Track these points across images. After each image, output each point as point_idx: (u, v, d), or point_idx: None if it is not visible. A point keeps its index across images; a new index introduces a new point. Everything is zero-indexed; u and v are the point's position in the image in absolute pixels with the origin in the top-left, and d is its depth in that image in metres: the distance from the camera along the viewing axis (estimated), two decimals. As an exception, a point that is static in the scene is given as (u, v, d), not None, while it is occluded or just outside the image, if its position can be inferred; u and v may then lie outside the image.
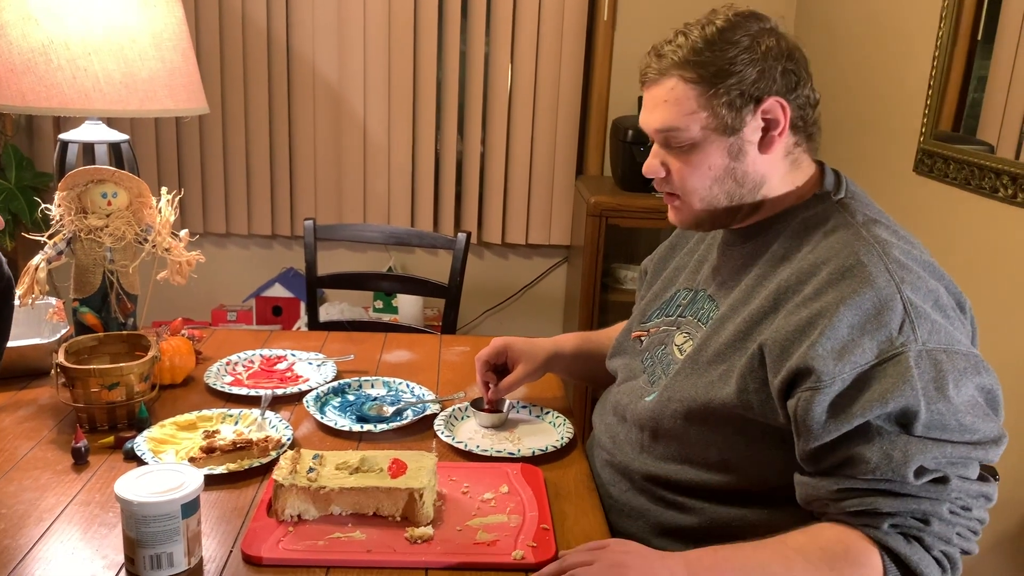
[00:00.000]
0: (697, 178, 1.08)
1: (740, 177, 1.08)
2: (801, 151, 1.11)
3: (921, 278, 0.99)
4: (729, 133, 1.05)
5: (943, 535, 0.93)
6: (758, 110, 1.05)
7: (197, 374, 1.55)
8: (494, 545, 1.05)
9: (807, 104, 1.08)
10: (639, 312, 1.35)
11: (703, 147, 1.07)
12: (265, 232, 2.97)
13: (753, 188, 1.09)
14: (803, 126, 1.09)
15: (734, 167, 1.07)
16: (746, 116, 1.05)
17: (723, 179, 1.08)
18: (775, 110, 1.05)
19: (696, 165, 1.08)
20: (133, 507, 0.95)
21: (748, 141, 1.06)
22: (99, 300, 1.53)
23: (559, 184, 2.95)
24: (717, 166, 1.07)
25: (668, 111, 1.07)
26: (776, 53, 1.05)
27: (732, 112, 1.04)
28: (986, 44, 1.77)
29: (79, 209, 1.51)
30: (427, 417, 1.41)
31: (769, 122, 1.06)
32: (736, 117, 1.04)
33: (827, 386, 0.93)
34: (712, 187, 1.09)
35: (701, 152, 1.07)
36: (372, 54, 2.82)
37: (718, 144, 1.06)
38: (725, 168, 1.07)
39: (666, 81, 1.07)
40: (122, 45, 1.79)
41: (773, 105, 1.05)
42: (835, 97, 2.46)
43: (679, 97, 1.06)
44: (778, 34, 1.06)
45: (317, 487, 1.08)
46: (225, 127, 2.86)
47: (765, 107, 1.05)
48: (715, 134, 1.06)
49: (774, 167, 1.09)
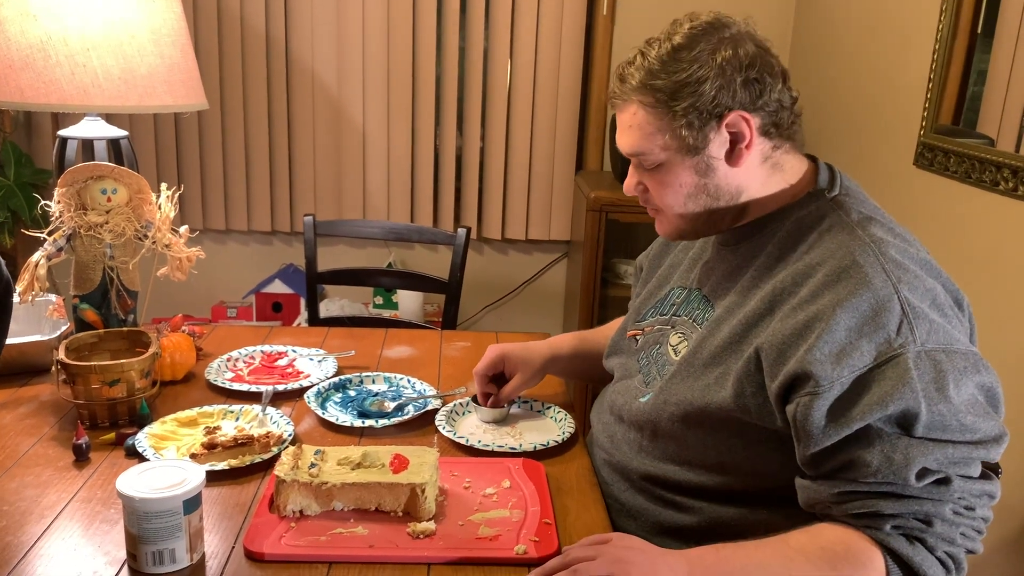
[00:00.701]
0: (671, 196, 1.10)
1: (713, 191, 1.08)
2: (782, 153, 1.09)
3: (918, 277, 0.98)
4: (693, 153, 1.06)
5: (946, 536, 0.93)
6: (721, 126, 1.04)
7: (198, 370, 1.55)
8: (496, 540, 1.05)
9: (780, 108, 1.06)
10: (634, 310, 1.34)
11: (670, 167, 1.07)
12: (265, 228, 2.96)
13: (730, 199, 1.09)
14: (779, 130, 1.07)
15: (705, 183, 1.08)
16: (709, 133, 1.04)
17: (696, 195, 1.09)
18: (739, 124, 1.04)
19: (667, 184, 1.09)
20: (135, 503, 0.95)
21: (714, 157, 1.06)
22: (99, 296, 1.53)
23: (559, 179, 2.95)
24: (688, 183, 1.08)
25: (633, 136, 1.08)
26: (736, 64, 1.02)
27: (692, 132, 1.04)
28: (986, 38, 1.77)
29: (79, 205, 1.51)
30: (428, 412, 1.41)
31: (735, 135, 1.05)
32: (698, 136, 1.04)
33: (826, 391, 0.93)
34: (687, 203, 1.10)
35: (670, 172, 1.08)
36: (371, 49, 2.81)
37: (684, 163, 1.07)
38: (696, 185, 1.08)
39: (628, 106, 1.08)
40: (121, 41, 1.78)
41: (736, 119, 1.04)
42: (836, 91, 2.46)
43: (640, 122, 1.07)
44: (738, 42, 1.04)
45: (319, 483, 1.08)
46: (224, 123, 2.86)
47: (728, 122, 1.04)
48: (679, 155, 1.06)
49: (750, 175, 1.08)
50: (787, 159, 1.10)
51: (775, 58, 1.07)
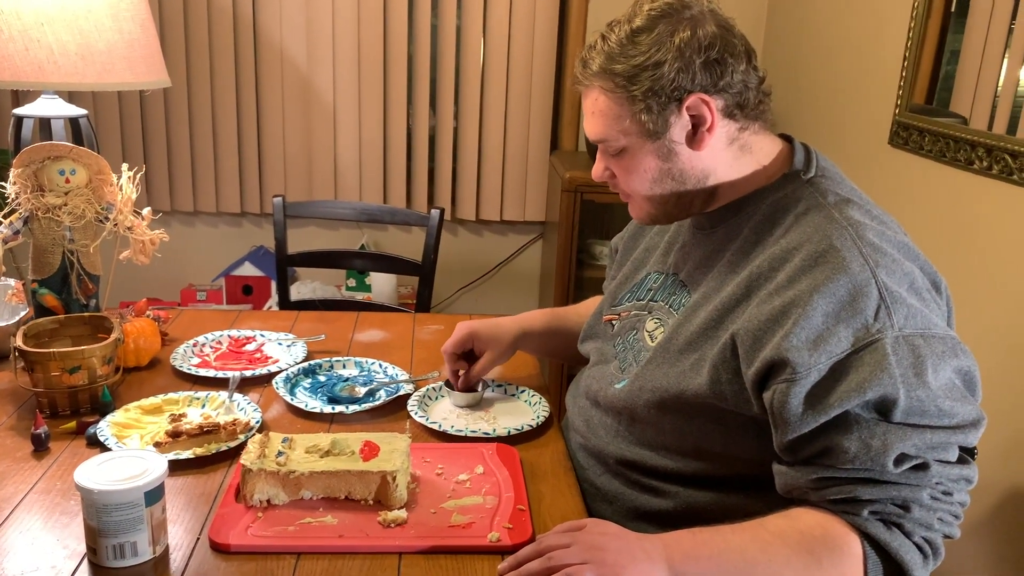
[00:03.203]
0: (636, 181, 1.09)
1: (678, 175, 1.07)
2: (750, 134, 1.07)
3: (896, 261, 0.97)
4: (654, 137, 1.04)
5: (924, 521, 0.92)
6: (682, 109, 1.02)
7: (163, 356, 1.52)
8: (469, 527, 1.03)
9: (744, 88, 1.03)
10: (609, 295, 1.32)
11: (633, 153, 1.06)
12: (234, 210, 2.91)
13: (697, 182, 1.08)
14: (743, 111, 1.05)
15: (668, 167, 1.06)
16: (669, 117, 1.02)
17: (661, 179, 1.07)
18: (699, 107, 1.02)
19: (632, 169, 1.08)
20: (94, 495, 0.92)
21: (676, 142, 1.04)
22: (59, 281, 1.48)
23: (533, 159, 2.92)
24: (652, 168, 1.07)
25: (596, 122, 1.07)
26: (695, 46, 1.00)
27: (652, 116, 1.02)
28: (959, 18, 1.76)
29: (36, 187, 1.46)
30: (400, 397, 1.39)
31: (696, 119, 1.03)
32: (658, 120, 1.03)
33: (803, 377, 0.91)
34: (652, 187, 1.09)
35: (633, 157, 1.07)
36: (341, 26, 2.76)
37: (646, 148, 1.05)
38: (660, 169, 1.07)
39: (591, 92, 1.07)
40: (77, 15, 1.72)
41: (696, 102, 1.02)
42: (811, 71, 2.45)
43: (602, 108, 1.06)
44: (699, 22, 1.01)
45: (286, 471, 1.05)
46: (191, 102, 2.79)
47: (688, 105, 1.02)
48: (640, 139, 1.05)
49: (716, 158, 1.06)
50: (756, 140, 1.08)
51: (739, 38, 1.04)
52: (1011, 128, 1.55)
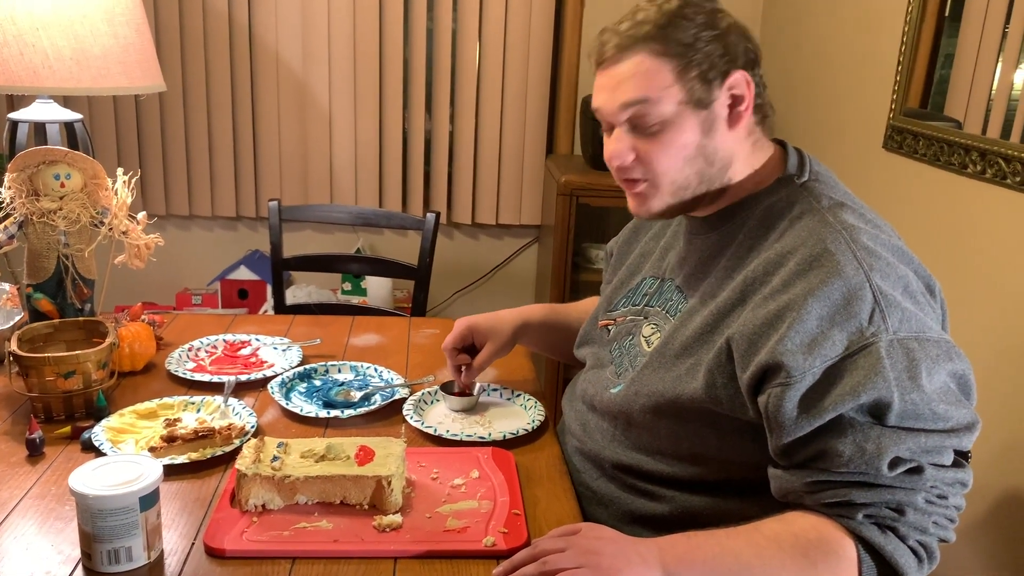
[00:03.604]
0: (669, 158, 1.04)
1: (710, 155, 1.05)
2: (760, 133, 1.09)
3: (890, 264, 0.97)
4: (701, 107, 1.03)
5: (919, 525, 0.92)
6: (725, 84, 1.03)
7: (158, 360, 1.51)
8: (464, 532, 1.03)
9: (762, 84, 1.07)
10: (605, 299, 1.32)
11: (677, 123, 1.03)
12: (229, 214, 2.90)
13: (722, 168, 1.06)
14: (760, 106, 1.07)
15: (705, 144, 1.04)
16: (715, 90, 1.02)
17: (695, 158, 1.04)
18: (741, 84, 1.03)
19: (668, 144, 1.03)
20: (88, 501, 0.92)
21: (718, 116, 1.04)
22: (54, 285, 1.48)
23: (529, 163, 2.92)
24: (690, 144, 1.03)
25: (638, 84, 1.02)
26: (737, 30, 1.04)
27: (704, 85, 1.02)
28: (953, 22, 1.77)
29: (30, 191, 1.45)
30: (396, 402, 1.39)
31: (735, 98, 1.04)
32: (707, 90, 1.02)
33: (797, 381, 0.91)
34: (684, 168, 1.05)
35: (675, 129, 1.03)
36: (336, 30, 2.75)
37: (692, 120, 1.03)
38: (697, 146, 1.04)
39: (632, 56, 1.03)
40: (72, 20, 1.72)
41: (739, 79, 1.03)
42: (805, 75, 2.45)
43: (648, 71, 1.02)
44: (731, 16, 1.06)
45: (281, 476, 1.05)
46: (186, 106, 2.79)
47: (732, 81, 1.03)
48: (689, 109, 1.02)
49: (740, 146, 1.07)
50: (763, 140, 1.10)
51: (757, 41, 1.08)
52: (1005, 132, 1.56)
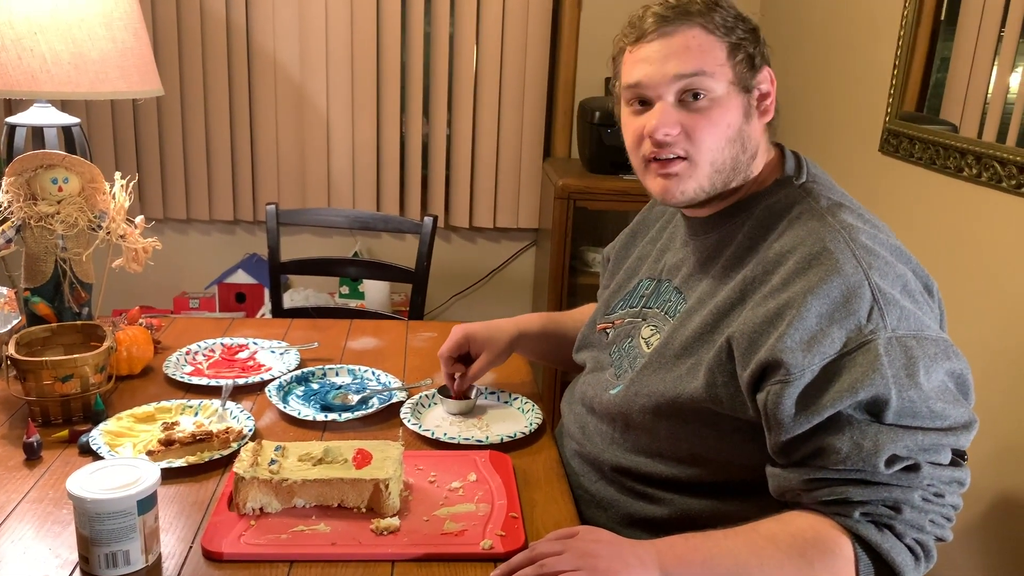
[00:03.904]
0: (714, 136, 1.04)
1: (746, 140, 1.07)
2: (770, 133, 1.11)
3: (889, 263, 0.97)
4: (745, 91, 1.06)
5: (915, 523, 0.92)
6: (756, 77, 1.06)
7: (156, 364, 1.51)
8: (462, 535, 1.03)
9: None
10: (603, 303, 1.33)
11: (723, 102, 1.04)
12: (227, 217, 2.91)
13: (751, 157, 1.08)
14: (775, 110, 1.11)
15: (744, 128, 1.06)
16: (751, 79, 1.06)
17: (735, 140, 1.05)
18: (767, 81, 1.07)
19: (716, 121, 1.03)
20: (86, 504, 0.92)
21: (753, 105, 1.07)
22: (51, 289, 1.48)
23: (526, 167, 2.92)
24: (734, 124, 1.05)
25: (694, 57, 1.02)
26: (761, 35, 1.08)
27: (749, 70, 1.05)
28: (949, 25, 1.77)
29: (28, 195, 1.45)
30: (393, 405, 1.39)
31: (764, 93, 1.07)
32: (751, 76, 1.06)
33: (796, 379, 0.92)
34: (725, 148, 1.05)
35: (722, 107, 1.04)
36: (334, 35, 2.76)
37: (737, 100, 1.05)
38: (739, 128, 1.05)
39: (687, 29, 1.03)
40: (70, 24, 1.72)
41: (767, 75, 1.08)
42: (802, 78, 2.46)
43: (703, 45, 1.03)
44: None
45: (279, 479, 1.05)
46: (184, 110, 2.79)
47: (761, 76, 1.07)
48: (735, 89, 1.05)
49: (762, 141, 1.10)
50: (767, 142, 1.12)
51: None
52: (1001, 136, 1.57)
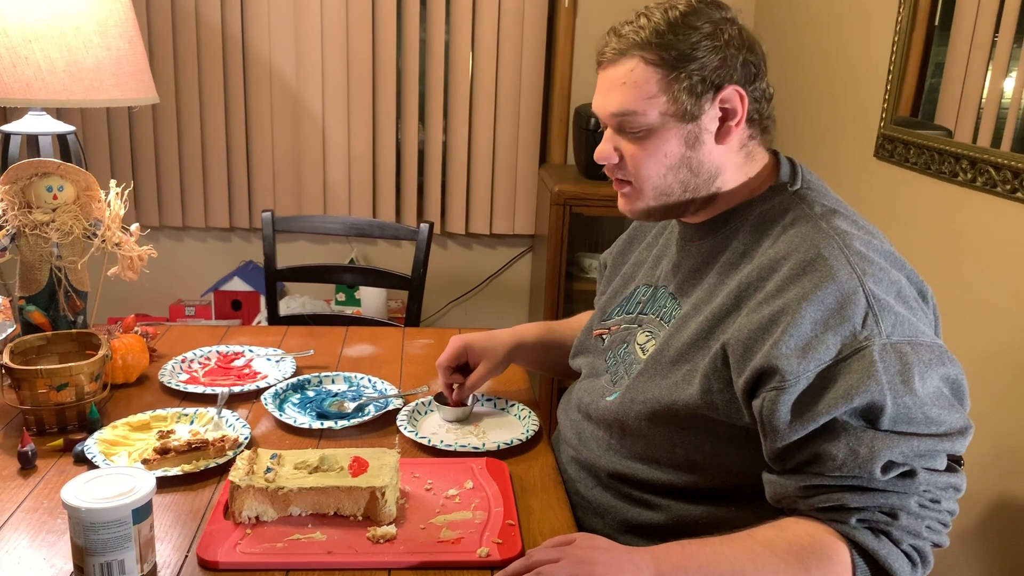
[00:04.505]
0: (652, 165, 1.05)
1: (695, 167, 1.06)
2: (756, 144, 1.09)
3: (883, 269, 0.97)
4: (687, 120, 1.03)
5: (912, 529, 0.92)
6: (717, 98, 1.03)
7: (151, 372, 1.51)
8: (459, 543, 1.03)
9: (763, 98, 1.06)
10: (599, 309, 1.33)
11: (660, 133, 1.04)
12: (223, 225, 2.90)
13: (708, 179, 1.07)
14: (758, 119, 1.07)
15: (690, 156, 1.05)
16: (705, 104, 1.03)
17: (678, 168, 1.05)
18: (733, 99, 1.03)
19: (651, 152, 1.05)
20: (81, 514, 0.91)
21: (705, 130, 1.04)
22: (46, 298, 1.48)
23: (522, 173, 2.93)
24: (673, 154, 1.05)
25: (626, 93, 1.04)
26: (738, 43, 1.03)
27: (692, 98, 1.02)
28: (943, 30, 1.78)
29: (23, 204, 1.45)
30: (390, 412, 1.38)
31: (727, 112, 1.04)
32: (695, 104, 1.02)
33: (791, 385, 0.92)
34: (667, 175, 1.06)
35: (657, 138, 1.04)
36: (330, 41, 2.76)
37: (675, 131, 1.04)
38: (680, 156, 1.05)
39: (626, 62, 1.04)
40: (65, 32, 1.72)
41: (732, 94, 1.03)
42: (797, 84, 2.47)
43: (638, 79, 1.03)
44: (739, 25, 1.05)
45: (275, 488, 1.05)
46: (179, 118, 2.79)
47: (724, 95, 1.03)
48: (673, 120, 1.03)
49: (729, 158, 1.07)
50: (758, 151, 1.10)
51: (764, 53, 1.07)
52: (995, 141, 1.57)
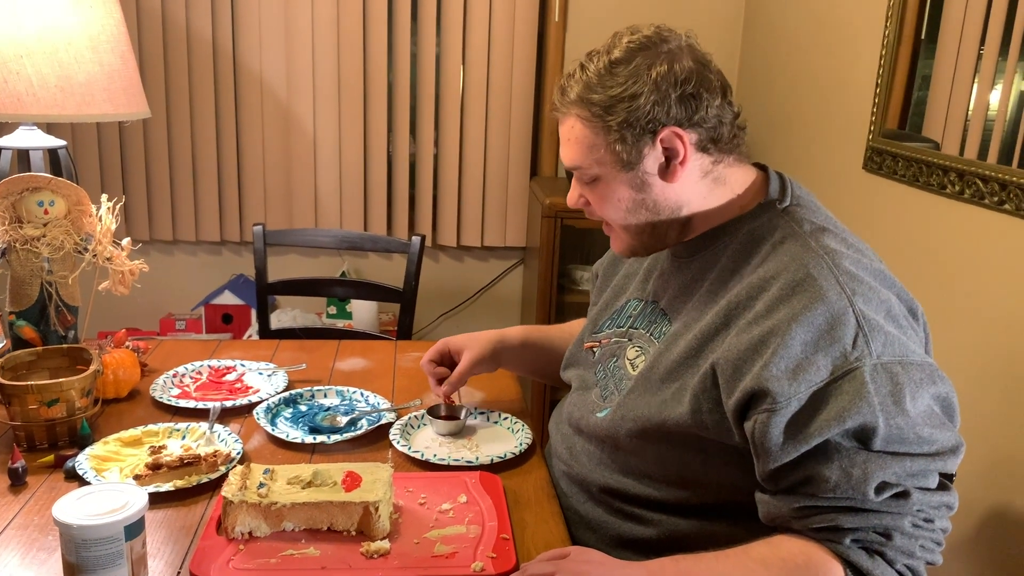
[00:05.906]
0: (611, 210, 1.10)
1: (652, 206, 1.08)
2: (724, 167, 1.08)
3: (873, 289, 0.98)
4: (627, 168, 1.05)
5: (906, 549, 0.92)
6: (656, 141, 1.03)
7: (143, 387, 1.50)
8: (453, 557, 1.03)
9: (719, 123, 1.04)
10: (591, 321, 1.33)
11: (607, 182, 1.07)
12: (214, 238, 2.90)
13: (671, 213, 1.08)
14: (717, 145, 1.05)
15: (642, 198, 1.07)
16: (643, 149, 1.03)
17: (636, 209, 1.08)
18: (672, 140, 1.03)
19: (606, 198, 1.09)
20: (72, 531, 0.91)
21: (649, 173, 1.05)
22: (37, 313, 1.47)
23: (513, 185, 2.93)
24: (625, 198, 1.08)
25: (572, 150, 1.08)
26: (671, 80, 1.01)
27: (626, 147, 1.03)
28: (929, 43, 1.80)
29: (14, 218, 1.45)
30: (382, 426, 1.38)
31: (669, 152, 1.04)
32: (632, 151, 1.04)
33: (783, 407, 0.92)
34: (627, 217, 1.10)
35: (607, 186, 1.08)
36: (321, 55, 2.77)
37: (620, 178, 1.06)
38: (633, 200, 1.08)
39: (567, 119, 1.08)
40: (56, 47, 1.72)
41: (670, 136, 1.03)
42: (785, 98, 2.49)
43: (578, 136, 1.07)
44: (676, 57, 1.02)
45: (268, 503, 1.05)
46: (170, 132, 2.79)
47: (662, 137, 1.03)
48: (615, 170, 1.06)
49: (690, 190, 1.07)
50: (730, 172, 1.09)
51: (715, 73, 1.05)
52: (982, 153, 1.58)
